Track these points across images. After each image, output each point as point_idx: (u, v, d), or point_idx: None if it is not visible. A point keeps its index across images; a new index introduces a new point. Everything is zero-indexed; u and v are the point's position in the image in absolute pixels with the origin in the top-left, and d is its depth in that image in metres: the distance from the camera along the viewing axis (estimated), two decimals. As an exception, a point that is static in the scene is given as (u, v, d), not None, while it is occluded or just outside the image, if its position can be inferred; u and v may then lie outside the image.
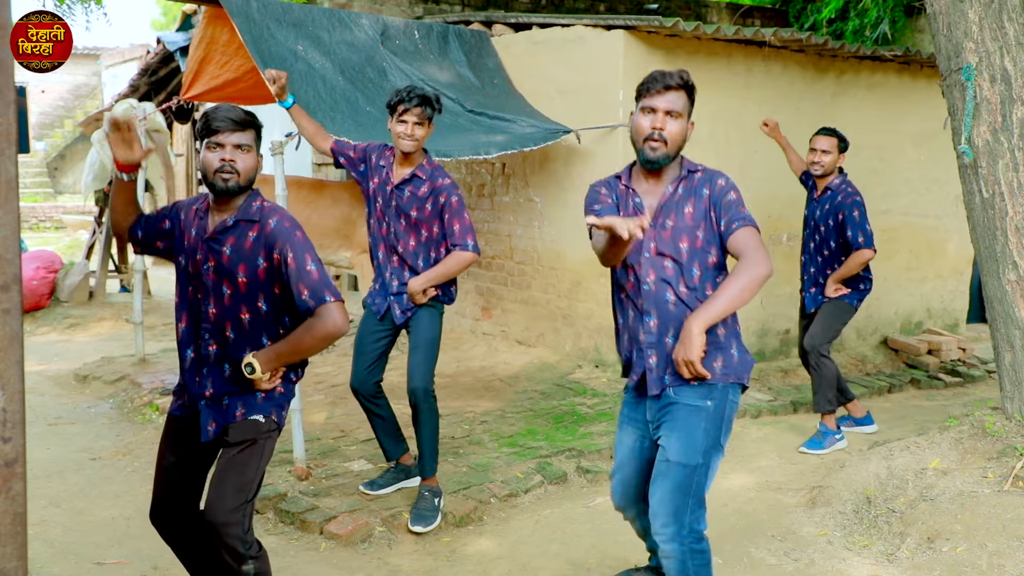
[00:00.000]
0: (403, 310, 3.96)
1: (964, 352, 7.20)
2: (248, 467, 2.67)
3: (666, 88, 2.74)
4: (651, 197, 2.86)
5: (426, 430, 3.99)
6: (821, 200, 5.07)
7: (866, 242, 4.89)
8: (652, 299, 2.81)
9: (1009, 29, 3.96)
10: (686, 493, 2.71)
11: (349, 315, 8.59)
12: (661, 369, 2.81)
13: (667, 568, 2.75)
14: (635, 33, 5.78)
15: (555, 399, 5.69)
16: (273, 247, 2.63)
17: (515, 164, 6.66)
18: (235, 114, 2.62)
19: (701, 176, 2.82)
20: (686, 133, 2.80)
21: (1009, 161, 4.00)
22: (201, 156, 2.66)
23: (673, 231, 2.79)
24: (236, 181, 2.63)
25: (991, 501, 3.62)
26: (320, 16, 5.60)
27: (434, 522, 3.92)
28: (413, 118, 3.81)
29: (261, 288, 2.66)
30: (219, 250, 2.66)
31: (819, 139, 5.02)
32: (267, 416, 2.71)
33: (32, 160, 20.12)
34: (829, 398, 5.09)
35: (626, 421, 3.01)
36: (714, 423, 2.74)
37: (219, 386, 2.69)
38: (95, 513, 4.16)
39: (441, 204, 3.89)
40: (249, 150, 2.65)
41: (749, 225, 2.71)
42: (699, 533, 2.74)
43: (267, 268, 2.65)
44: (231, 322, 2.67)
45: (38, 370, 6.80)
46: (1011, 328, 4.07)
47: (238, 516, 2.62)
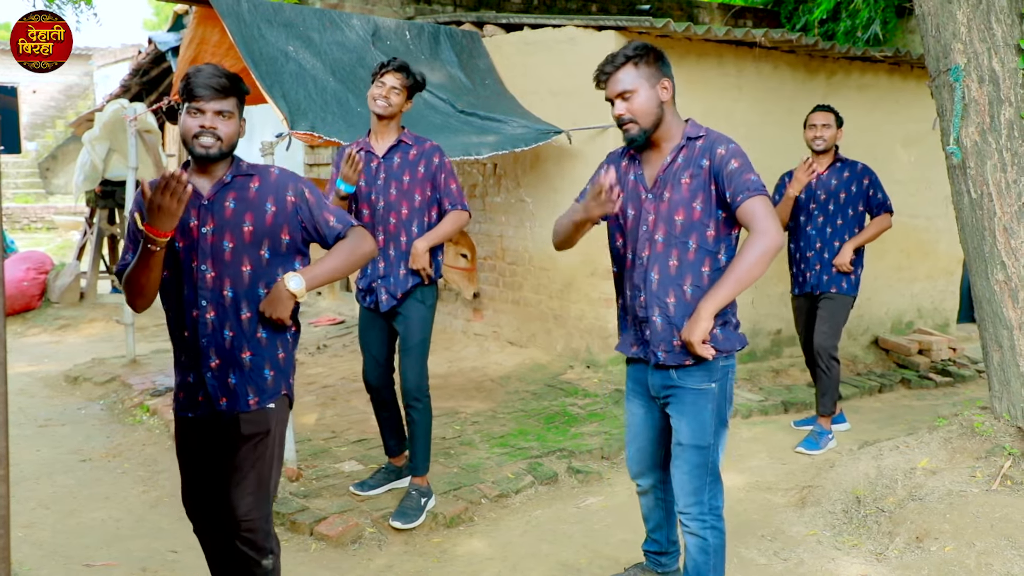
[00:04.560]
0: (389, 294, 3.92)
1: (954, 352, 7.23)
2: (265, 458, 2.65)
3: (608, 76, 2.75)
4: (652, 167, 2.84)
5: (420, 428, 4.00)
6: (832, 172, 5.06)
7: (891, 207, 5.04)
8: (645, 274, 2.82)
9: (997, 30, 3.98)
10: (703, 472, 2.84)
11: (342, 316, 8.55)
12: (655, 344, 2.84)
13: (689, 545, 2.90)
14: (626, 34, 5.79)
15: (546, 400, 5.69)
16: (286, 189, 2.65)
17: (506, 165, 6.66)
18: (216, 82, 2.54)
19: (702, 144, 2.77)
20: (656, 98, 2.75)
21: (997, 161, 4.01)
22: (181, 120, 2.59)
23: (670, 203, 2.77)
24: (219, 148, 2.57)
25: (979, 500, 3.64)
26: (311, 17, 5.59)
27: (416, 520, 3.91)
28: (391, 81, 3.82)
29: (267, 234, 2.62)
30: (220, 208, 2.60)
31: (816, 115, 5.04)
32: (278, 398, 2.68)
33: (23, 160, 20.04)
34: (834, 399, 5.14)
35: (632, 393, 3.06)
36: (719, 403, 2.84)
37: (223, 355, 2.61)
38: (85, 515, 4.15)
39: (435, 165, 3.90)
40: (231, 116, 2.58)
41: (754, 195, 2.65)
42: (718, 510, 2.89)
43: (275, 213, 2.63)
44: (231, 278, 2.59)
45: (28, 371, 6.78)
46: (999, 328, 4.09)
47: (261, 510, 2.62)
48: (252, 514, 2.62)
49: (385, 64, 3.84)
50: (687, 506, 2.87)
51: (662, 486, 3.15)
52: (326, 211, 2.68)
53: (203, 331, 2.60)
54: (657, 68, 2.77)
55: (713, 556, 2.87)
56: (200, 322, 2.60)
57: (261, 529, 2.64)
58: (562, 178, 6.23)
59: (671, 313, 2.79)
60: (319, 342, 7.36)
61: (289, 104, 4.77)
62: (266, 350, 2.66)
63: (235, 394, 2.62)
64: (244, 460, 2.63)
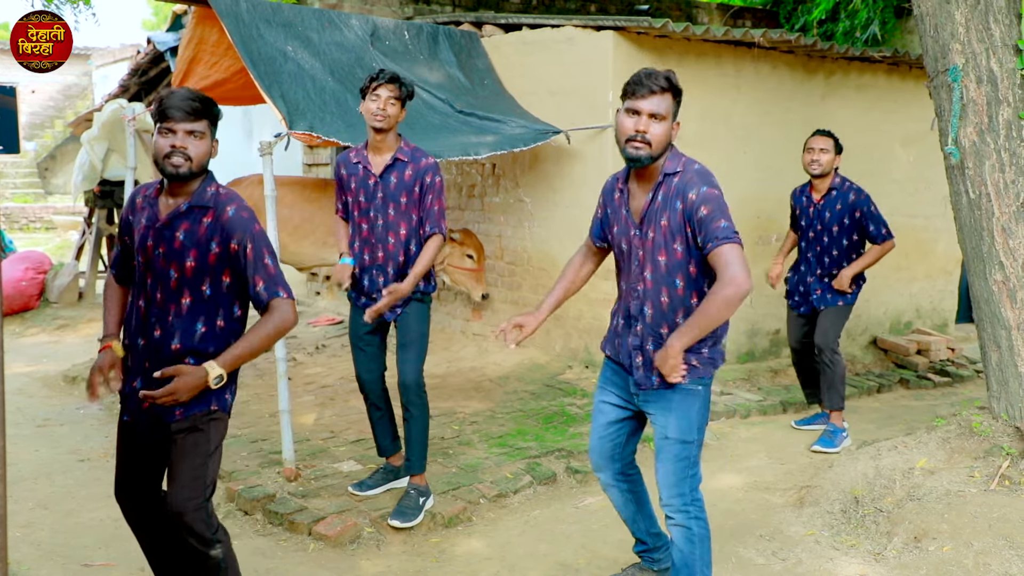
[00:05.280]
0: (390, 310, 3.96)
1: (953, 352, 7.23)
2: (198, 452, 2.70)
3: (651, 92, 2.76)
4: (637, 202, 2.93)
5: (417, 426, 4.00)
6: (826, 203, 5.10)
7: (889, 233, 5.04)
8: (641, 307, 2.93)
9: (995, 30, 3.98)
10: (687, 465, 2.94)
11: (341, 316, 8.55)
12: (647, 370, 2.95)
13: (675, 536, 2.98)
14: (625, 34, 5.79)
15: (545, 399, 5.69)
16: (231, 236, 2.66)
17: (505, 165, 6.66)
18: (187, 105, 2.61)
19: (677, 183, 2.81)
20: (670, 134, 2.82)
21: (996, 162, 4.02)
22: (154, 139, 2.65)
23: (654, 243, 2.86)
24: (188, 167, 2.63)
25: (978, 500, 3.64)
26: (310, 17, 5.59)
27: (414, 519, 3.91)
28: (385, 92, 3.81)
29: (208, 273, 2.67)
30: (171, 236, 2.67)
31: (815, 139, 5.07)
32: (205, 410, 2.71)
33: (22, 160, 20.04)
34: (841, 394, 5.17)
35: (607, 383, 3.13)
36: (705, 403, 2.96)
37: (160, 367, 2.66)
38: (83, 515, 4.15)
39: (426, 184, 3.90)
40: (202, 137, 2.64)
41: (724, 243, 2.70)
42: (700, 501, 2.98)
43: (219, 254, 2.66)
44: (175, 305, 2.68)
45: (27, 371, 6.78)
46: (998, 328, 4.09)
47: (196, 501, 2.67)
48: (187, 505, 2.66)
49: (375, 77, 3.82)
50: (670, 498, 2.95)
51: (624, 478, 3.21)
52: (259, 274, 2.69)
53: (151, 343, 2.69)
54: (678, 108, 2.84)
55: (699, 545, 2.96)
56: (150, 336, 2.70)
57: (199, 520, 2.68)
58: (561, 178, 6.23)
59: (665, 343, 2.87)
60: (317, 342, 7.36)
61: (288, 104, 4.77)
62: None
63: (162, 406, 2.67)
64: (178, 456, 2.70)
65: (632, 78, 2.80)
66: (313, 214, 6.10)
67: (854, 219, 5.04)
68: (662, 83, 2.76)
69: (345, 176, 4.01)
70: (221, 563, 2.75)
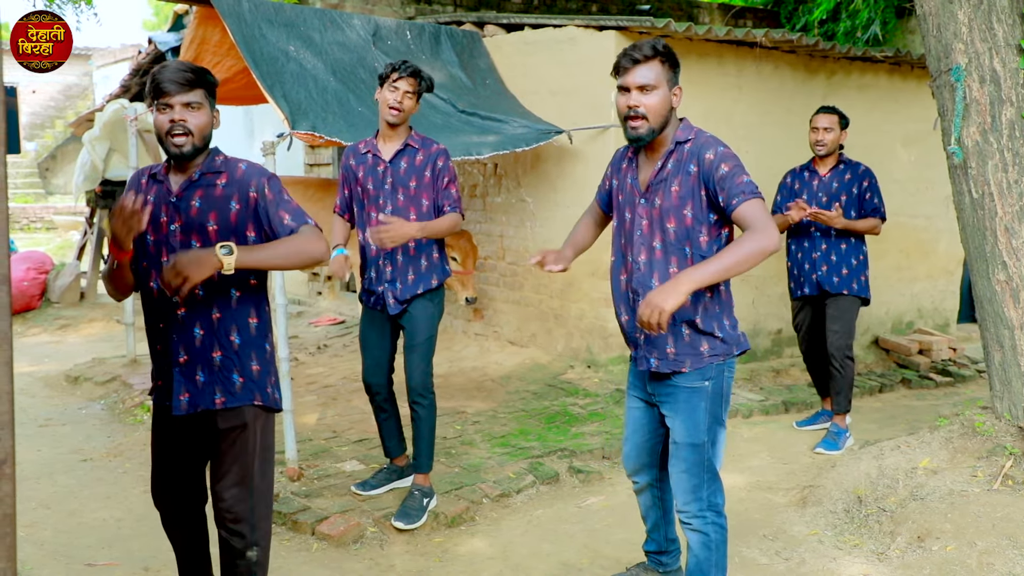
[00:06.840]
0: (397, 299, 3.94)
1: (955, 352, 7.23)
2: (247, 451, 2.66)
3: (634, 62, 2.70)
4: (645, 172, 2.86)
5: (424, 426, 4.00)
6: (834, 174, 5.06)
7: (884, 214, 5.06)
8: (640, 280, 2.83)
9: (998, 30, 3.98)
10: (700, 470, 2.85)
11: (342, 316, 8.53)
12: (648, 350, 2.88)
13: (691, 541, 2.92)
14: (627, 34, 5.79)
15: (547, 399, 5.69)
16: (248, 185, 2.60)
17: (507, 165, 6.66)
18: (180, 76, 2.53)
19: (690, 148, 2.75)
20: (668, 102, 2.74)
21: (999, 161, 4.02)
22: (153, 119, 2.59)
23: (661, 210, 2.77)
24: (191, 143, 2.56)
25: (981, 500, 3.64)
26: (312, 17, 5.59)
27: (418, 521, 3.91)
28: (404, 86, 3.80)
29: (233, 232, 2.59)
30: (187, 206, 2.60)
31: (820, 117, 5.02)
32: (250, 404, 2.66)
33: (23, 161, 20.03)
34: (849, 398, 5.17)
35: (631, 388, 3.08)
36: (714, 401, 2.84)
37: (192, 352, 2.62)
38: (86, 515, 4.15)
39: (439, 168, 3.89)
40: (200, 107, 2.56)
41: (750, 198, 2.61)
42: (718, 507, 2.89)
43: (239, 210, 2.60)
44: None
45: (29, 371, 6.78)
46: (1000, 328, 4.09)
47: (246, 502, 2.65)
48: (237, 507, 2.64)
49: (397, 67, 3.79)
50: (686, 504, 2.88)
51: (658, 484, 3.16)
52: (283, 208, 2.60)
53: (174, 326, 2.62)
54: (675, 73, 2.77)
55: (715, 551, 2.89)
56: (172, 318, 2.62)
57: (247, 521, 2.67)
58: (563, 178, 6.23)
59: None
60: (319, 342, 7.36)
61: (290, 104, 4.77)
62: (237, 355, 2.65)
63: (201, 392, 2.62)
64: (225, 453, 2.66)
65: (618, 56, 2.76)
66: (315, 214, 6.06)
67: (860, 190, 5.01)
68: (646, 51, 2.69)
69: (353, 165, 3.99)
70: (253, 566, 2.73)
